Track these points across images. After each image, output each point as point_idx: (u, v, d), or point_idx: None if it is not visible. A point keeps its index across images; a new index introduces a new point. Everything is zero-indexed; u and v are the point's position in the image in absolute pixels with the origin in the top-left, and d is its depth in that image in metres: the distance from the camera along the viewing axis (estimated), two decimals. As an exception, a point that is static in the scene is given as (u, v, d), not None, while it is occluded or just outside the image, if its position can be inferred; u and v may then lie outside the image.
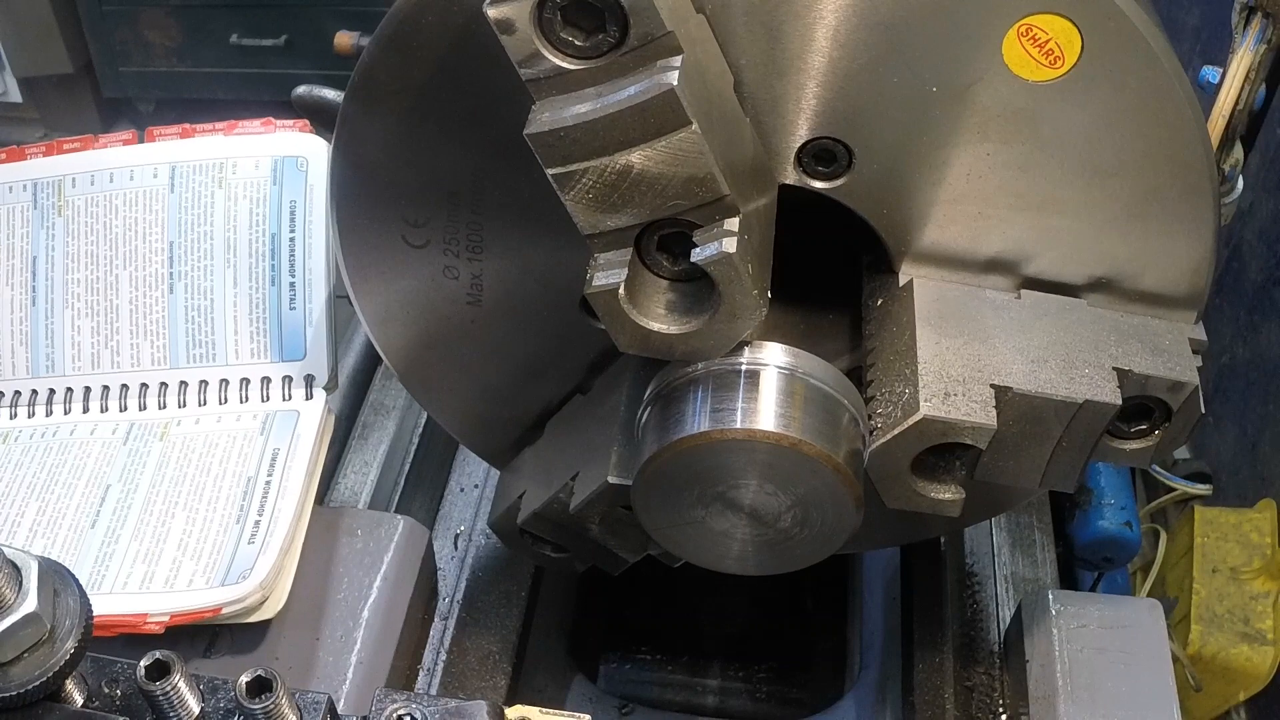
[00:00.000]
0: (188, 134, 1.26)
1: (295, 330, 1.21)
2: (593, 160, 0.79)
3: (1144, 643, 1.11)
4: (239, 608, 1.04)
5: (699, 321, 0.86)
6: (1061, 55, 0.84)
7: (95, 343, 1.26)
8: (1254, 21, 1.00)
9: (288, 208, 1.22)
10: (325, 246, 1.20)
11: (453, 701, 0.74)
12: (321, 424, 1.19)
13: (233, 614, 1.05)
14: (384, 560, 1.15)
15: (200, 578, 1.08)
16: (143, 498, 1.16)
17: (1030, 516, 1.41)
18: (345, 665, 1.08)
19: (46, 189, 1.28)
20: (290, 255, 1.22)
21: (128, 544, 1.12)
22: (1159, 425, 0.94)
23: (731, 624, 1.74)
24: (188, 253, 1.24)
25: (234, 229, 1.23)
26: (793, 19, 0.85)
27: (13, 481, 1.19)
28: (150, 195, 1.25)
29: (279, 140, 1.23)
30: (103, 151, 1.27)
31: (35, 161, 1.29)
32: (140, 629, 1.03)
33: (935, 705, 1.18)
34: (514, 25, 0.75)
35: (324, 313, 1.21)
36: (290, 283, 1.21)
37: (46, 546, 1.13)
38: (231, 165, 1.24)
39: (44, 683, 0.69)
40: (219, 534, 1.11)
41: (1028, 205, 0.92)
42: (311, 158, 1.22)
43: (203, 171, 1.24)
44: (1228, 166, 1.03)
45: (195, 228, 1.24)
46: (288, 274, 1.21)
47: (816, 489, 0.89)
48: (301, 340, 1.21)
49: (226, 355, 1.23)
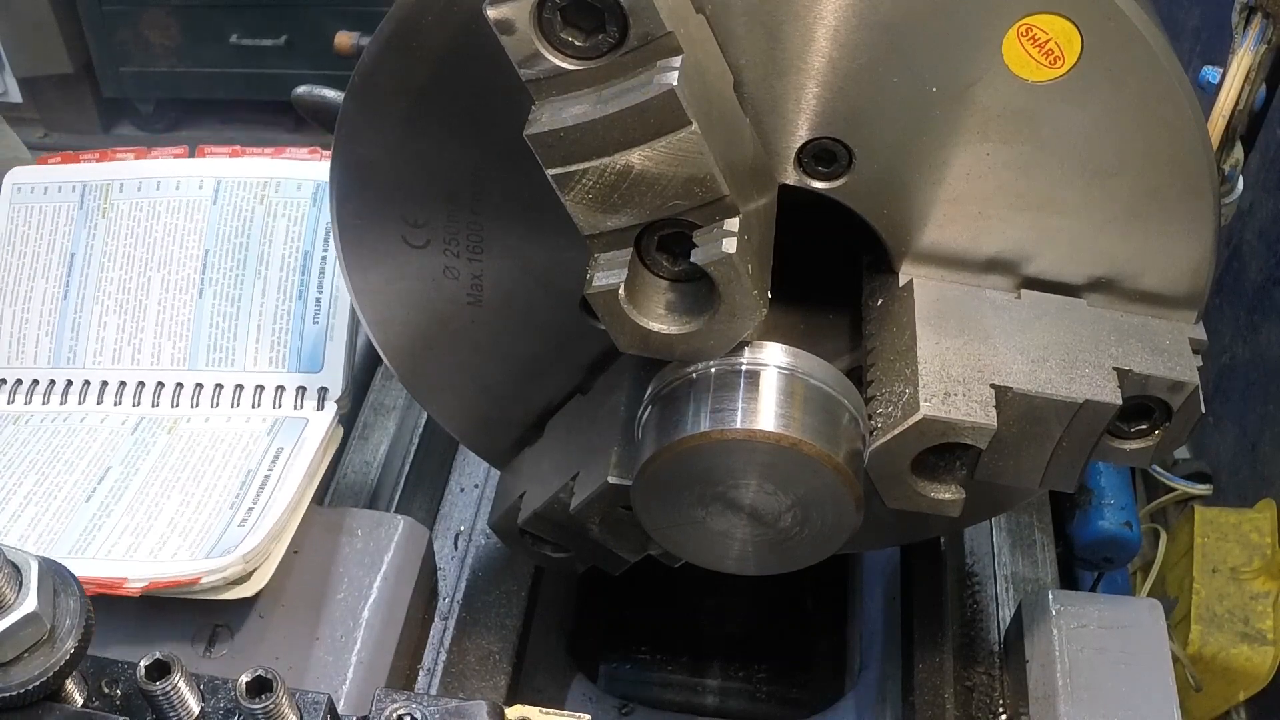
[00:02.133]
0: (237, 154, 1.32)
1: (315, 343, 1.25)
2: (592, 161, 0.79)
3: (1144, 643, 1.11)
4: (218, 578, 1.05)
5: (699, 321, 0.86)
6: (1061, 55, 0.84)
7: (119, 339, 1.29)
8: (1254, 21, 1.00)
9: (324, 229, 1.27)
10: None
11: (453, 701, 0.74)
12: (329, 434, 1.22)
13: (211, 584, 1.05)
14: (384, 560, 1.15)
15: (185, 551, 1.09)
16: (141, 480, 1.18)
17: (1030, 516, 1.41)
18: (345, 665, 1.08)
19: (94, 191, 1.33)
20: (320, 272, 1.26)
21: (119, 518, 1.14)
22: (1159, 425, 0.94)
23: (731, 624, 1.74)
24: (221, 260, 1.29)
25: (269, 243, 1.28)
26: (793, 19, 0.85)
27: (16, 456, 1.22)
28: (193, 205, 1.30)
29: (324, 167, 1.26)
30: (154, 161, 1.33)
31: (87, 166, 1.35)
32: (118, 591, 1.04)
33: (935, 705, 1.19)
34: (514, 25, 0.75)
35: (346, 330, 1.25)
36: (317, 298, 1.26)
37: (38, 515, 1.15)
38: (275, 185, 1.29)
39: (44, 683, 0.69)
40: (211, 516, 1.13)
41: (1028, 205, 0.92)
42: None
43: (247, 188, 1.30)
44: (1228, 166, 1.03)
45: (232, 239, 1.29)
46: (315, 289, 1.26)
47: (816, 489, 0.89)
48: (320, 353, 1.25)
49: (244, 362, 1.27)
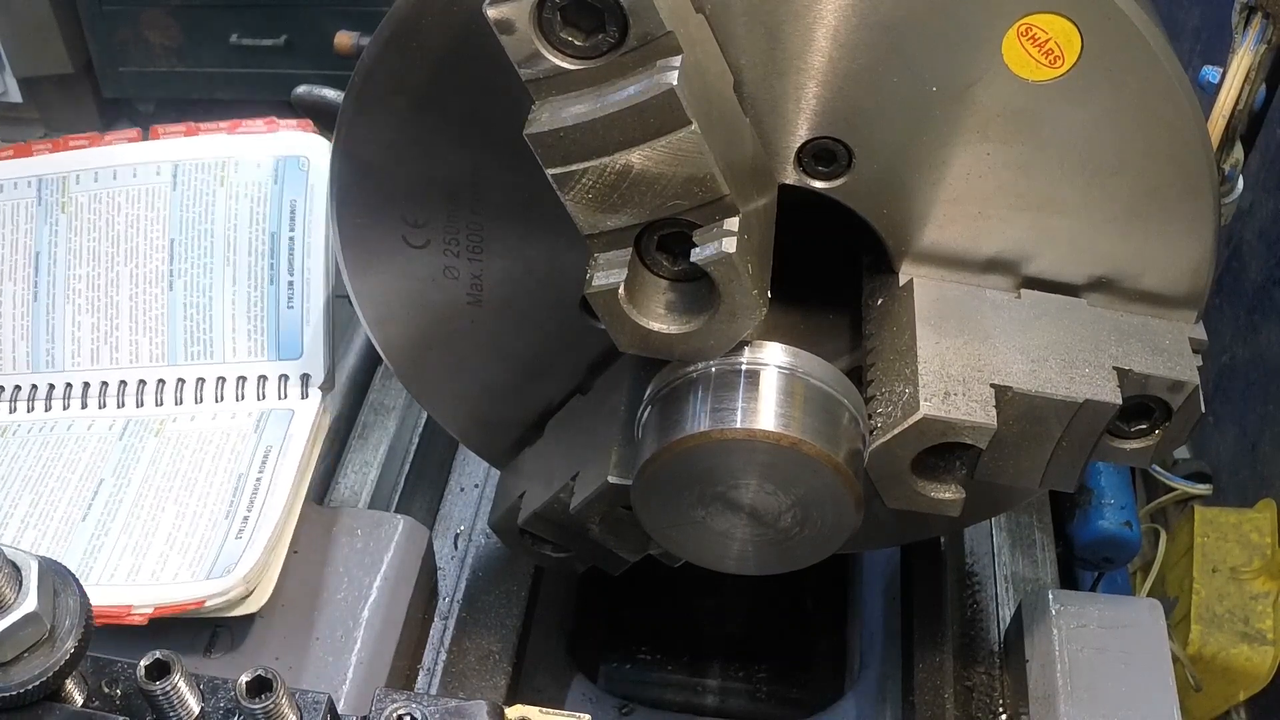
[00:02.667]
0: (192, 132, 1.26)
1: (292, 329, 1.21)
2: (592, 160, 0.79)
3: (1144, 643, 1.11)
4: (222, 601, 1.04)
5: (699, 321, 0.86)
6: (1061, 55, 0.84)
7: (95, 338, 1.26)
8: (1254, 21, 1.00)
9: (288, 207, 1.22)
10: (325, 246, 1.20)
11: (453, 701, 0.74)
12: (316, 423, 1.19)
13: (216, 607, 1.05)
14: (384, 560, 1.15)
15: (186, 571, 1.08)
16: (135, 492, 1.16)
17: (1030, 516, 1.41)
18: (345, 665, 1.08)
19: (51, 185, 1.28)
20: (290, 254, 1.21)
21: (117, 536, 1.12)
22: (1159, 425, 0.94)
23: (731, 624, 1.74)
24: (188, 250, 1.24)
25: (234, 227, 1.23)
26: (793, 19, 0.85)
27: (8, 475, 1.19)
28: (153, 193, 1.25)
29: (281, 140, 1.23)
30: (108, 149, 1.27)
31: (41, 158, 1.29)
32: (124, 620, 1.03)
33: (935, 705, 1.18)
34: (514, 25, 0.75)
35: (322, 312, 1.21)
36: (289, 281, 1.21)
37: (37, 539, 1.13)
38: (234, 164, 1.23)
39: (44, 683, 0.69)
40: (207, 529, 1.11)
41: (1028, 205, 0.92)
42: (313, 157, 1.22)
43: (205, 170, 1.24)
44: (1228, 166, 1.03)
45: (196, 225, 1.24)
46: (286, 273, 1.21)
47: (816, 489, 0.89)
48: (299, 339, 1.21)
49: (224, 353, 1.23)
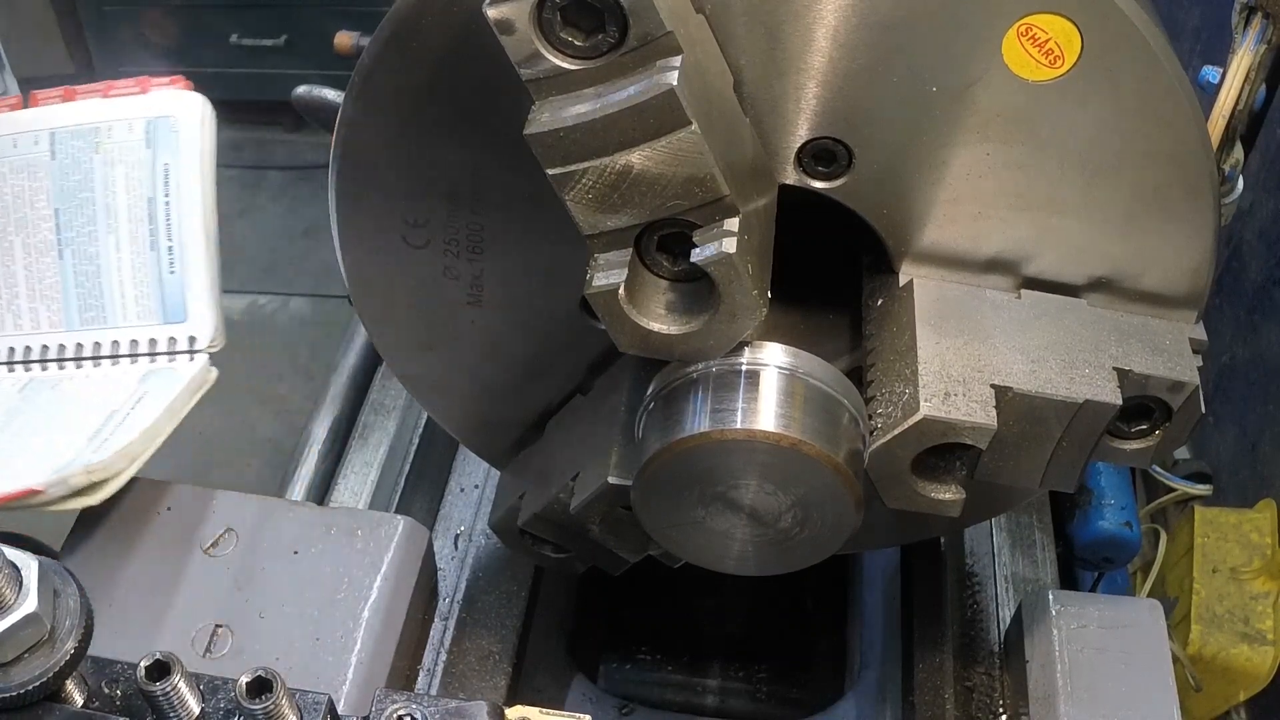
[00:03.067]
0: (69, 96, 1.26)
1: (176, 293, 1.22)
2: (592, 160, 0.78)
3: (1144, 643, 1.11)
4: (62, 490, 1.04)
5: (699, 321, 0.86)
6: (1061, 55, 0.84)
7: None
8: (1254, 21, 1.00)
9: (162, 171, 1.22)
10: (200, 208, 1.20)
11: (453, 701, 0.74)
12: (199, 377, 1.18)
13: (55, 495, 1.04)
14: (384, 560, 1.15)
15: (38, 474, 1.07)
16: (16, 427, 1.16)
17: (1030, 516, 1.41)
18: (345, 665, 1.08)
19: None
20: (167, 219, 1.22)
21: None
22: (1159, 425, 0.94)
23: (731, 624, 1.74)
24: (72, 219, 1.25)
25: (112, 194, 1.23)
26: (793, 19, 0.85)
27: None
28: (34, 164, 1.25)
29: (152, 101, 1.23)
30: None
31: None
32: None
33: (935, 705, 1.19)
34: (514, 25, 0.75)
35: (204, 274, 1.21)
36: (169, 246, 1.22)
37: None
38: (107, 129, 1.23)
39: (44, 683, 0.69)
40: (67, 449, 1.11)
41: (1028, 205, 0.92)
42: (183, 116, 1.21)
43: (80, 137, 1.24)
44: (1228, 166, 1.03)
45: (77, 194, 1.24)
46: (165, 238, 1.22)
47: (816, 489, 0.89)
48: (182, 303, 1.21)
49: (116, 318, 1.24)
